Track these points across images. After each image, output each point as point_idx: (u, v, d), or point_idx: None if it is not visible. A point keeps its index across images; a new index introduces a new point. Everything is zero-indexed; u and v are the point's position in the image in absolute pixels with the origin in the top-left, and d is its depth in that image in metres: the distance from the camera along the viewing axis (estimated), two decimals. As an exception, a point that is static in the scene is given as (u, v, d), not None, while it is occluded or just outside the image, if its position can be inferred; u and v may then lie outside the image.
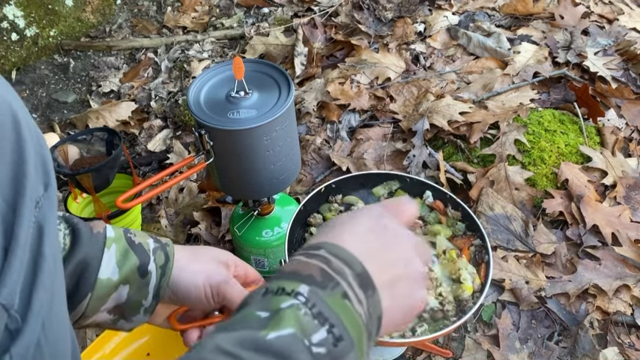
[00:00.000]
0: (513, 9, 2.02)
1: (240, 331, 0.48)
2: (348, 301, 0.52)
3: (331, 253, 0.56)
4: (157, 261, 0.75)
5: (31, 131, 0.48)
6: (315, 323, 0.49)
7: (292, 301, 0.50)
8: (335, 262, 0.55)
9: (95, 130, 1.42)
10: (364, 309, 0.54)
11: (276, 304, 0.50)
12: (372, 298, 0.55)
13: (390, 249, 0.61)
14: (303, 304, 0.50)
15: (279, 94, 1.07)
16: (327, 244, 0.58)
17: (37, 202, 0.47)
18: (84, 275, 0.70)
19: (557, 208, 1.39)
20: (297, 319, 0.48)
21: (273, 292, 0.52)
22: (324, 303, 0.51)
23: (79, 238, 0.70)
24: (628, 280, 1.27)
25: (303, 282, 0.52)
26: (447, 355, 1.19)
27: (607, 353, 1.17)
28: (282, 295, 0.51)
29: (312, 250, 0.57)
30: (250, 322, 0.49)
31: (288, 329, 0.47)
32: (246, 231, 1.28)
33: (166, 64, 2.13)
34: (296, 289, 0.51)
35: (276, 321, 0.48)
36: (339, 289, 0.53)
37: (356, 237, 0.60)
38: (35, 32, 2.19)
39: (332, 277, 0.53)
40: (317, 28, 2.05)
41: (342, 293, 0.53)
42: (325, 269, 0.54)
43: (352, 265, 0.56)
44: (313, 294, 0.51)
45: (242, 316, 0.51)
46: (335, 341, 0.49)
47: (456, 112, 1.59)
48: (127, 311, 0.75)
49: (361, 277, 0.55)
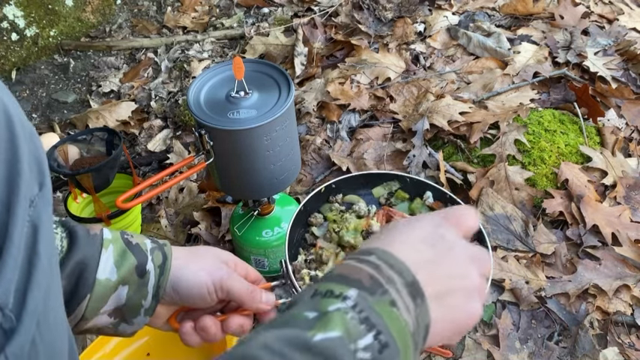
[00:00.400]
0: (513, 9, 2.01)
1: (287, 329, 0.48)
2: (395, 309, 0.52)
3: (382, 260, 0.56)
4: (154, 260, 0.75)
5: (25, 130, 0.48)
6: (361, 328, 0.49)
7: (340, 305, 0.50)
8: (385, 268, 0.55)
9: (95, 130, 1.42)
10: (412, 318, 0.53)
11: (324, 306, 0.50)
12: (421, 307, 0.55)
13: (445, 260, 0.60)
14: (351, 308, 0.50)
15: (279, 94, 1.07)
16: (379, 250, 0.57)
17: (32, 202, 0.47)
18: (82, 276, 0.70)
19: (557, 208, 1.39)
20: (344, 323, 0.48)
21: (321, 294, 0.52)
22: (371, 309, 0.50)
23: (76, 239, 0.70)
24: (628, 280, 1.27)
25: (351, 286, 0.52)
26: (447, 355, 1.19)
27: (607, 353, 1.17)
28: (330, 298, 0.51)
29: (363, 256, 0.57)
30: (297, 322, 0.49)
31: (336, 332, 0.47)
32: (246, 231, 1.28)
33: (166, 64, 2.13)
34: (344, 293, 0.51)
35: (323, 322, 0.48)
36: (387, 296, 0.52)
37: (409, 245, 0.59)
38: (35, 32, 2.20)
39: (381, 284, 0.53)
40: (317, 28, 2.05)
41: (391, 301, 0.52)
42: (374, 275, 0.54)
43: (402, 273, 0.55)
44: (361, 299, 0.51)
45: (290, 316, 0.51)
46: (381, 348, 0.48)
47: (456, 112, 1.59)
48: (128, 313, 0.75)
49: (411, 286, 0.55)
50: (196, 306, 0.79)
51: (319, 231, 1.03)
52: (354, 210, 1.04)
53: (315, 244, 1.00)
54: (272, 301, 0.81)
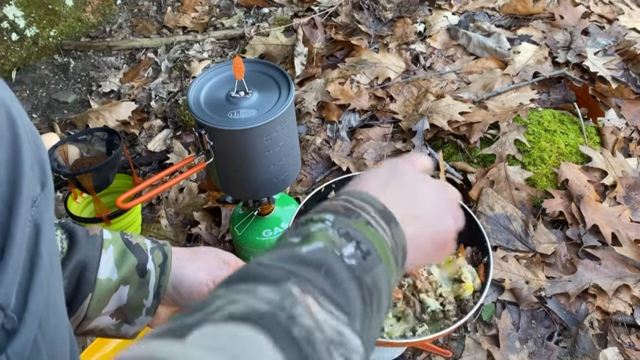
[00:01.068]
0: (513, 9, 2.01)
1: (276, 251, 0.52)
2: (371, 227, 0.56)
3: (352, 196, 0.59)
4: (155, 260, 0.75)
5: (27, 130, 0.48)
6: (343, 241, 0.52)
7: (320, 225, 0.54)
8: (357, 201, 0.58)
9: (95, 130, 1.42)
10: (388, 237, 0.57)
11: (306, 229, 0.54)
12: (395, 229, 0.58)
13: (410, 188, 0.65)
14: (331, 227, 0.54)
15: (279, 94, 1.07)
16: (348, 191, 0.62)
17: (34, 202, 0.47)
18: (83, 276, 0.70)
19: (557, 208, 1.39)
20: (326, 237, 0.52)
21: (302, 223, 0.56)
22: (349, 226, 0.54)
23: (76, 240, 0.71)
24: (628, 280, 1.27)
25: (328, 213, 0.56)
26: (447, 355, 1.19)
27: (607, 353, 1.17)
28: (310, 223, 0.55)
29: (334, 199, 0.61)
30: (286, 245, 0.53)
31: (319, 243, 0.51)
32: (246, 231, 1.28)
33: (166, 64, 2.13)
34: (322, 217, 0.55)
35: (307, 239, 0.52)
36: (361, 218, 0.56)
37: (375, 183, 0.64)
38: (35, 32, 2.20)
39: (354, 211, 0.57)
40: (317, 28, 2.05)
41: (366, 221, 0.56)
42: (348, 206, 0.57)
43: (373, 203, 0.59)
44: (338, 220, 0.55)
45: (277, 244, 0.55)
46: (363, 255, 0.52)
47: (456, 112, 1.59)
48: (129, 313, 0.75)
49: (382, 213, 0.58)
50: None
51: None
52: None
53: None
54: None
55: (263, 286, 0.44)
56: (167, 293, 0.77)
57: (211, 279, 0.76)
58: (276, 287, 0.44)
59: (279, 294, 0.43)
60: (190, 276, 0.77)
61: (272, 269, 0.47)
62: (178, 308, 0.81)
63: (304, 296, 0.44)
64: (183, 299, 0.78)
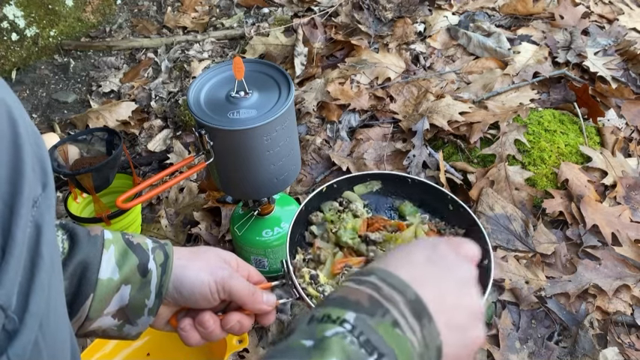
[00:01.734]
0: (513, 9, 2.02)
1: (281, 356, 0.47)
2: (399, 330, 0.50)
3: (381, 279, 0.54)
4: (156, 259, 0.75)
5: (29, 130, 0.48)
6: (362, 353, 0.47)
7: (337, 329, 0.48)
8: (385, 288, 0.53)
9: (95, 130, 1.42)
10: (418, 338, 0.51)
11: (321, 331, 0.48)
12: (428, 327, 0.52)
13: (447, 278, 0.58)
14: (349, 332, 0.48)
15: (279, 94, 1.07)
16: (379, 269, 0.56)
17: (35, 202, 0.47)
18: (85, 276, 0.70)
19: (557, 208, 1.39)
20: (343, 349, 0.46)
21: (318, 319, 0.50)
22: (372, 331, 0.48)
23: (77, 240, 0.70)
24: (628, 280, 1.27)
25: (349, 309, 0.50)
26: (447, 355, 1.19)
27: (607, 353, 1.17)
28: (327, 323, 0.49)
29: (362, 276, 0.55)
30: (294, 352, 0.47)
31: (332, 359, 0.45)
32: (246, 231, 1.28)
33: (166, 64, 2.13)
34: (342, 317, 0.49)
35: (320, 350, 0.46)
36: (388, 316, 0.50)
37: (409, 264, 0.58)
38: (35, 32, 2.20)
39: (381, 304, 0.51)
40: (317, 28, 2.05)
41: (393, 321, 0.50)
42: (374, 295, 0.52)
43: (404, 291, 0.53)
44: (360, 321, 0.49)
45: (287, 345, 0.49)
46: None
47: (456, 112, 1.59)
48: (131, 313, 0.75)
49: (414, 305, 0.53)
50: (198, 306, 0.78)
51: (318, 230, 1.03)
52: (350, 209, 1.04)
53: (313, 243, 1.00)
54: (272, 302, 0.81)
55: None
56: (168, 293, 0.77)
57: (213, 279, 0.76)
58: None
59: None
60: (192, 276, 0.76)
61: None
62: (179, 308, 0.81)
63: None
64: (184, 299, 0.78)
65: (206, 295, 0.76)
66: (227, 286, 0.76)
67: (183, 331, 0.78)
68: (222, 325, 0.79)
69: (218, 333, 0.79)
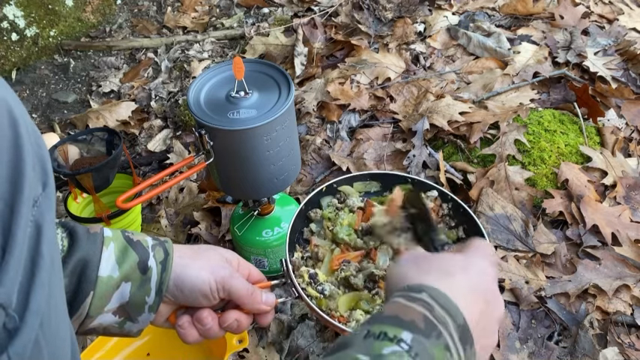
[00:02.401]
0: (513, 9, 2.02)
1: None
2: (449, 354, 0.52)
3: (433, 299, 0.55)
4: (156, 257, 0.76)
5: (29, 130, 0.48)
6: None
7: (394, 348, 0.49)
8: (437, 309, 0.54)
9: (95, 130, 1.42)
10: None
11: (378, 349, 0.49)
12: (469, 352, 0.55)
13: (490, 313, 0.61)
14: (407, 352, 0.49)
15: (279, 94, 1.07)
16: (429, 287, 0.57)
17: (35, 201, 0.47)
18: (84, 273, 0.70)
19: (557, 208, 1.39)
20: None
21: (374, 335, 0.51)
22: (426, 353, 0.50)
23: (76, 238, 0.71)
24: (628, 280, 1.27)
25: (405, 328, 0.51)
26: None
27: (607, 353, 1.17)
28: (384, 340, 0.50)
29: (413, 293, 0.56)
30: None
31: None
32: (246, 231, 1.28)
33: (166, 64, 2.13)
34: (399, 336, 0.50)
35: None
36: (442, 340, 0.52)
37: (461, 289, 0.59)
38: (35, 32, 2.20)
39: (435, 326, 0.53)
40: (317, 28, 2.05)
41: (445, 345, 0.52)
42: (428, 317, 0.53)
43: (455, 315, 0.55)
44: (417, 342, 0.50)
45: (341, 358, 0.50)
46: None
47: (456, 112, 1.59)
48: (132, 310, 0.75)
49: (462, 330, 0.55)
50: (198, 304, 0.79)
51: (316, 227, 1.03)
52: (347, 205, 1.04)
53: (310, 240, 1.00)
54: (272, 302, 0.81)
55: None
56: (169, 291, 0.77)
57: (213, 278, 0.76)
58: None
59: None
60: (193, 275, 0.77)
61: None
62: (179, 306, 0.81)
63: None
64: (184, 297, 0.78)
65: (206, 294, 0.76)
66: (227, 285, 0.77)
67: (182, 328, 0.78)
68: (220, 322, 0.79)
69: (216, 330, 0.79)
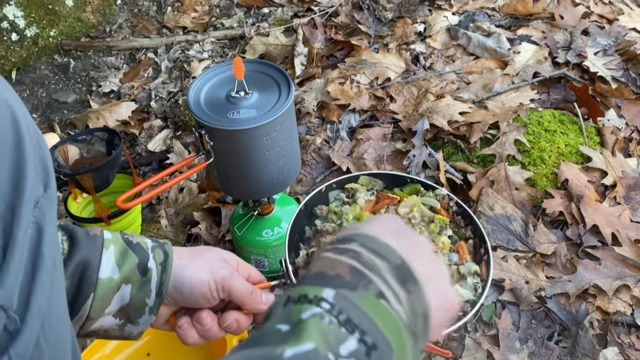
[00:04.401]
0: (513, 9, 2.02)
1: (257, 348, 0.43)
2: (383, 301, 0.47)
3: (363, 246, 0.51)
4: (156, 258, 0.76)
5: (31, 131, 0.48)
6: (342, 332, 0.44)
7: (314, 310, 0.45)
8: (367, 255, 0.50)
9: (95, 130, 1.42)
10: (404, 308, 0.49)
11: (297, 314, 0.45)
12: (414, 293, 0.50)
13: (419, 246, 0.58)
14: (327, 312, 0.45)
15: (279, 94, 1.07)
16: (360, 235, 0.53)
17: (37, 203, 0.47)
18: (85, 275, 0.70)
19: (557, 208, 1.39)
20: (320, 330, 0.43)
21: (294, 300, 0.47)
22: (353, 307, 0.45)
23: (76, 241, 0.71)
24: (628, 280, 1.27)
25: (327, 285, 0.47)
26: (447, 355, 1.19)
27: (607, 353, 1.17)
28: (303, 304, 0.46)
29: (342, 244, 0.52)
30: (270, 338, 0.44)
31: (308, 344, 0.42)
32: (246, 231, 1.28)
33: (166, 64, 2.13)
34: (319, 295, 0.46)
35: (296, 335, 0.43)
36: (372, 288, 0.48)
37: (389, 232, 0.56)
38: (35, 32, 2.19)
39: (363, 275, 0.48)
40: (317, 28, 2.05)
41: (377, 293, 0.48)
42: (355, 266, 0.49)
43: (388, 257, 0.50)
44: (340, 298, 0.46)
45: (263, 332, 0.46)
46: (368, 350, 0.43)
47: (456, 112, 1.59)
48: (132, 312, 0.75)
49: (400, 270, 0.50)
50: (198, 305, 0.79)
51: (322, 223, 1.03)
52: (355, 200, 1.04)
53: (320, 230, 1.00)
54: (272, 302, 0.81)
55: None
56: (169, 293, 0.77)
57: (212, 278, 0.76)
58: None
59: None
60: (192, 276, 0.77)
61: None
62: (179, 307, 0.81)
63: None
64: (184, 299, 0.78)
65: (205, 294, 0.76)
66: (227, 285, 0.77)
67: (181, 329, 0.78)
68: (219, 323, 0.79)
69: (215, 331, 0.79)
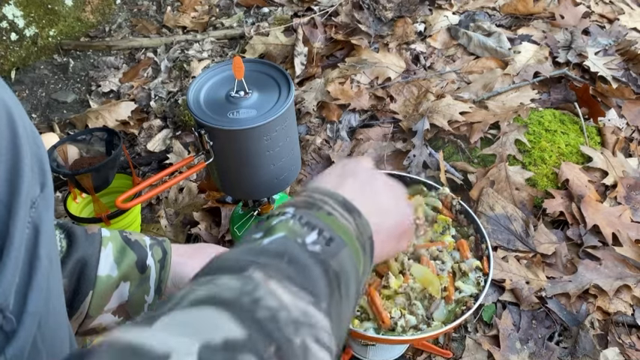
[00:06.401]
0: (514, 9, 2.01)
1: (238, 247, 0.53)
2: (333, 217, 0.57)
3: (311, 191, 0.61)
4: (154, 256, 0.76)
5: (27, 130, 0.47)
6: (304, 230, 0.54)
7: (280, 218, 0.55)
8: (317, 195, 0.61)
9: (95, 130, 1.41)
10: (352, 225, 0.58)
11: (267, 224, 0.56)
12: (359, 220, 0.60)
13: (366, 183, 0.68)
14: (291, 217, 0.55)
15: (279, 94, 1.06)
16: (307, 188, 0.64)
17: (33, 203, 0.46)
18: (83, 273, 0.70)
19: (558, 208, 1.39)
20: (287, 227, 0.54)
21: (263, 220, 0.58)
22: (311, 215, 0.56)
23: (74, 239, 0.71)
24: (628, 281, 1.27)
25: (288, 207, 0.58)
26: (447, 355, 1.19)
27: (607, 353, 1.17)
28: (270, 218, 0.57)
29: (295, 195, 0.63)
30: (247, 241, 0.54)
31: (279, 234, 0.53)
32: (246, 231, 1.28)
33: (166, 64, 2.13)
34: (283, 210, 0.57)
35: (268, 232, 0.53)
36: (323, 210, 0.58)
37: (331, 180, 0.67)
38: (35, 32, 2.19)
39: (315, 203, 0.59)
40: (317, 28, 2.04)
41: (327, 212, 0.58)
42: (308, 200, 0.59)
43: (333, 196, 0.61)
44: (299, 211, 0.56)
45: (240, 241, 0.56)
46: (327, 241, 0.54)
47: (456, 112, 1.59)
48: (132, 310, 0.75)
49: (344, 204, 0.60)
50: None
51: None
52: None
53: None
54: None
55: (225, 276, 0.45)
56: (168, 290, 0.77)
57: None
58: (238, 275, 0.45)
59: (241, 280, 0.44)
60: (190, 272, 0.76)
61: (233, 261, 0.48)
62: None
63: (267, 280, 0.45)
64: None
65: None
66: None
67: None
68: None
69: None
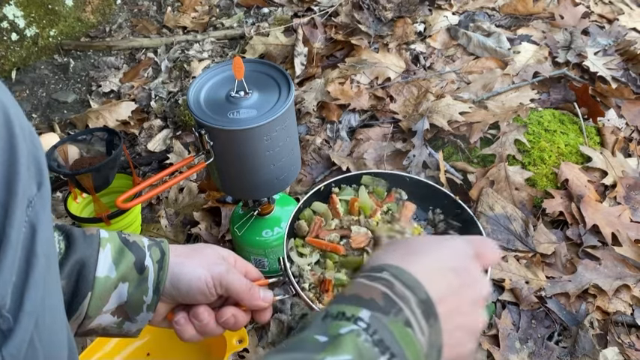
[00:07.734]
0: (513, 9, 2.01)
1: (295, 353, 0.47)
2: (410, 330, 0.51)
3: (394, 276, 0.55)
4: (152, 256, 0.76)
5: (24, 130, 0.47)
6: (375, 351, 0.48)
7: (352, 327, 0.49)
8: (398, 286, 0.54)
9: (95, 130, 1.42)
10: (425, 339, 0.53)
11: (336, 329, 0.49)
12: (434, 327, 0.54)
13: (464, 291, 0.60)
14: (364, 330, 0.49)
15: (279, 94, 1.07)
16: (391, 266, 0.57)
17: (30, 202, 0.46)
18: (82, 274, 0.70)
19: (557, 208, 1.39)
20: (356, 346, 0.47)
21: (332, 316, 0.51)
22: (386, 330, 0.49)
23: (73, 240, 0.71)
24: (628, 280, 1.27)
25: (364, 307, 0.51)
26: (446, 355, 1.18)
27: (607, 353, 1.17)
28: (341, 320, 0.50)
29: (375, 273, 0.56)
30: (307, 346, 0.48)
31: (346, 355, 0.46)
32: (246, 231, 1.28)
33: (166, 64, 2.13)
34: (356, 314, 0.50)
35: (334, 346, 0.47)
36: (401, 315, 0.52)
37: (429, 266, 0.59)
38: (35, 32, 2.20)
39: (395, 303, 0.52)
40: (317, 28, 2.05)
41: (405, 321, 0.51)
42: (388, 293, 0.53)
43: (416, 290, 0.54)
44: (375, 320, 0.50)
45: (300, 339, 0.50)
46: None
47: (456, 112, 1.59)
48: (130, 310, 0.75)
49: (424, 305, 0.54)
50: (196, 302, 0.79)
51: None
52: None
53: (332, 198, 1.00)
54: (270, 299, 0.81)
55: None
56: (166, 290, 0.77)
57: (209, 274, 0.77)
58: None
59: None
60: (189, 272, 0.77)
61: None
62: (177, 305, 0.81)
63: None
64: (182, 295, 0.78)
65: (203, 290, 0.76)
66: (224, 281, 0.77)
67: (178, 324, 0.79)
68: (216, 318, 0.79)
69: (213, 327, 0.79)
